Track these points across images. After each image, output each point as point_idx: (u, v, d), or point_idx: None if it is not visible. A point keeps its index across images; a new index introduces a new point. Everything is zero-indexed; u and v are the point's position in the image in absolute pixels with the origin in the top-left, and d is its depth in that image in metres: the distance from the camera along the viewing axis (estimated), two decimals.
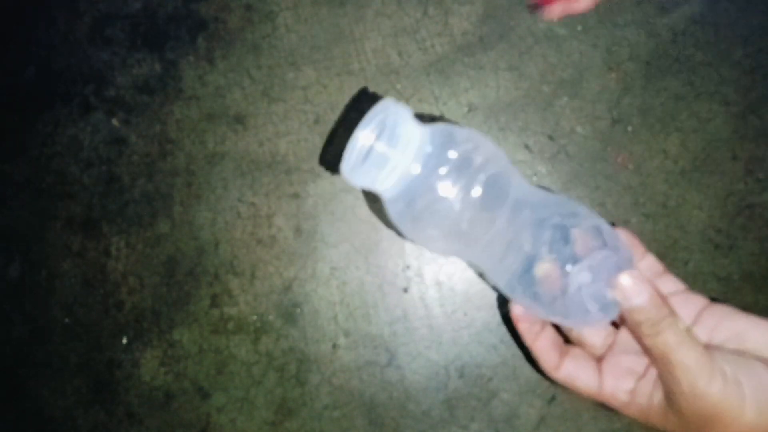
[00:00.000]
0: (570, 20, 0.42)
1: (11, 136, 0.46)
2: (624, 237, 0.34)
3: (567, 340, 0.33)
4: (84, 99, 0.45)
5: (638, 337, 0.28)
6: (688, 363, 0.27)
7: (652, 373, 0.30)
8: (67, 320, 0.45)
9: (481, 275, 0.42)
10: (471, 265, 0.41)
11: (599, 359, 0.32)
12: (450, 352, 0.42)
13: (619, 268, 0.28)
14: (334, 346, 0.43)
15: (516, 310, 0.32)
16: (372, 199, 0.43)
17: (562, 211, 0.30)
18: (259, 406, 0.43)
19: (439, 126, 0.29)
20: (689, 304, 0.31)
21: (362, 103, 0.42)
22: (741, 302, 0.41)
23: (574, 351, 0.32)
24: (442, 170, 0.28)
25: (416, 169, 0.28)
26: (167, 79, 0.45)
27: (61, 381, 0.45)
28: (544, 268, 0.28)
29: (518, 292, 0.30)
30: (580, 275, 0.28)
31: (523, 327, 0.32)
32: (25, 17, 0.46)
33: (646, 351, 0.28)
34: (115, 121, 0.45)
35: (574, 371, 0.31)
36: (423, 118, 0.39)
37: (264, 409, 0.43)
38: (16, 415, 0.45)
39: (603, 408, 0.32)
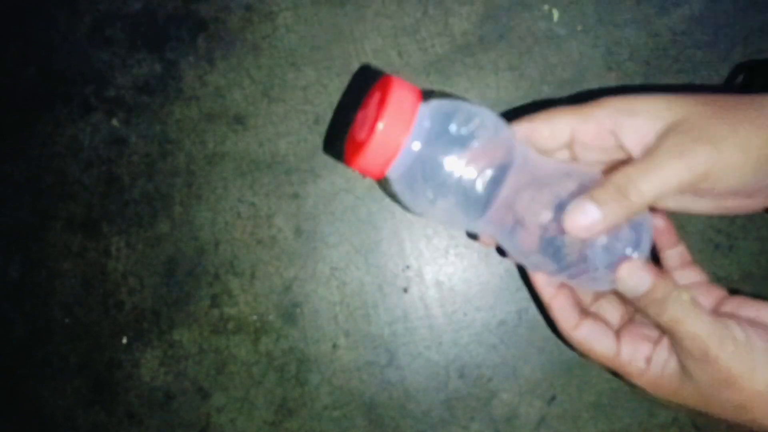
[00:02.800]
0: (570, 20, 0.42)
1: (11, 136, 0.46)
2: (660, 222, 0.34)
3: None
4: (84, 99, 0.45)
5: (647, 317, 0.28)
6: (696, 332, 0.27)
7: (667, 340, 0.29)
8: (67, 320, 0.45)
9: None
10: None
11: (616, 330, 0.32)
12: (450, 352, 0.42)
13: (635, 229, 0.28)
14: (334, 346, 0.43)
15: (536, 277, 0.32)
16: (372, 200, 0.43)
17: (576, 174, 0.30)
18: (259, 406, 0.43)
19: (437, 101, 0.29)
20: (709, 295, 0.31)
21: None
22: None
23: (593, 316, 0.32)
24: (443, 143, 0.28)
25: (417, 146, 0.28)
26: (167, 79, 0.45)
27: (61, 381, 0.45)
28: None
29: (532, 256, 0.30)
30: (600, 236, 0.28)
31: (540, 283, 0.32)
32: (25, 17, 0.46)
33: (657, 327, 0.28)
34: (115, 121, 0.45)
35: (591, 333, 0.31)
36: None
37: (264, 409, 0.43)
38: (16, 415, 0.45)
39: (615, 376, 0.31)
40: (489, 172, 0.28)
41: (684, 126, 0.27)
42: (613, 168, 0.29)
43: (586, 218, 0.27)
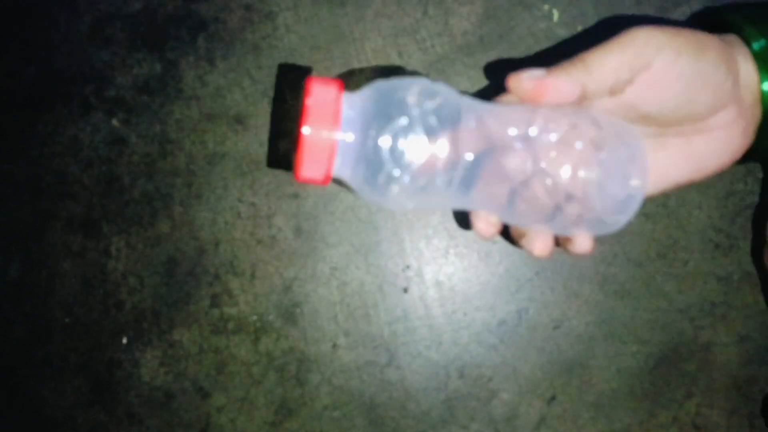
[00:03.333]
0: (570, 20, 0.42)
1: (11, 136, 0.46)
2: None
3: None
4: (84, 99, 0.45)
5: None
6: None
7: None
8: (67, 320, 0.45)
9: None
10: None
11: None
12: (450, 352, 0.42)
13: (630, 156, 0.28)
14: (334, 346, 0.43)
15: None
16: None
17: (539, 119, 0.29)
18: (259, 406, 0.43)
19: (365, 88, 0.28)
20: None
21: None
22: (741, 302, 0.41)
23: None
24: (374, 127, 0.27)
25: (350, 137, 0.27)
26: (167, 79, 0.45)
27: (61, 381, 0.45)
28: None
29: (535, 215, 0.29)
30: (594, 176, 0.27)
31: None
32: (25, 17, 0.46)
33: None
34: (115, 121, 0.45)
35: None
36: None
37: (264, 409, 0.43)
38: (16, 415, 0.45)
39: None
40: (448, 144, 0.27)
41: (626, 31, 0.29)
42: None
43: (535, 72, 0.28)
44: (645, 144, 0.29)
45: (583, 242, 0.30)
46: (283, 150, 0.44)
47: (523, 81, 0.29)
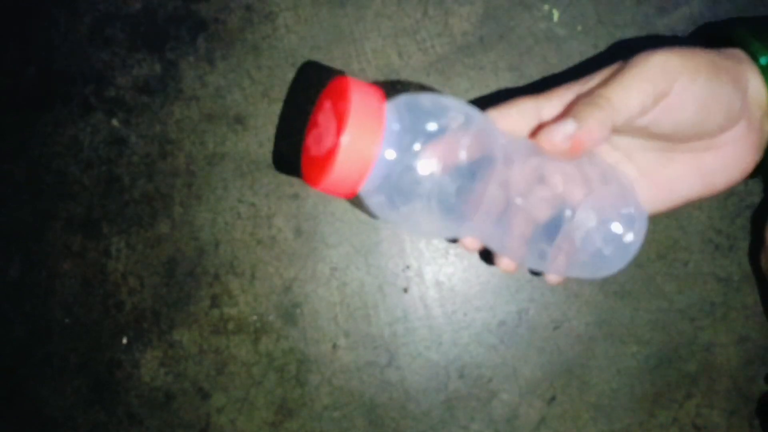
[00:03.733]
0: (570, 20, 0.42)
1: (11, 136, 0.46)
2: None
3: None
4: (84, 99, 0.45)
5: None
6: None
7: None
8: (67, 320, 0.45)
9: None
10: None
11: None
12: (450, 352, 0.42)
13: (621, 198, 0.27)
14: (334, 346, 0.43)
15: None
16: None
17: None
18: (259, 407, 0.43)
19: (401, 99, 0.26)
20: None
21: None
22: (741, 302, 0.41)
23: None
24: (417, 146, 0.24)
25: (391, 155, 0.24)
26: (167, 79, 0.45)
27: (61, 381, 0.45)
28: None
29: (527, 256, 0.29)
30: (584, 221, 0.27)
31: None
32: (25, 17, 0.46)
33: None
34: (115, 121, 0.45)
35: None
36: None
37: (264, 409, 0.43)
38: (16, 415, 0.45)
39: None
40: (473, 168, 0.25)
41: (640, 58, 0.28)
42: None
43: (567, 128, 0.27)
44: (645, 211, 0.29)
45: (553, 278, 0.31)
46: (287, 151, 0.44)
47: (557, 142, 0.27)
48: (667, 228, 0.41)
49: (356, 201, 0.43)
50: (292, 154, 0.44)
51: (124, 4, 0.45)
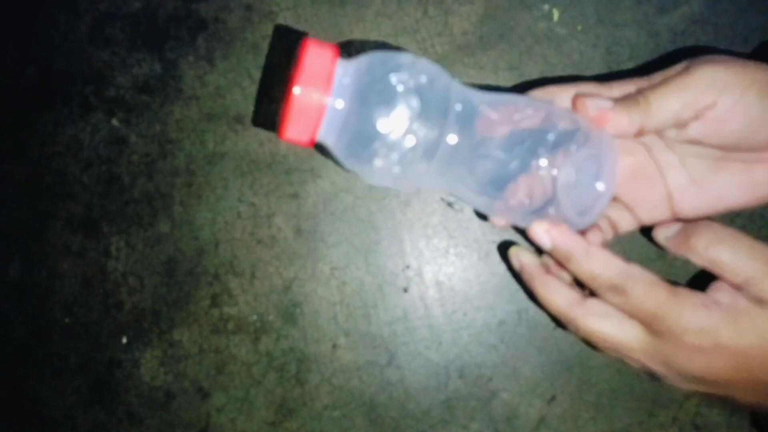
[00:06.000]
0: (570, 20, 0.42)
1: (11, 136, 0.46)
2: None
3: None
4: (84, 99, 0.45)
5: (688, 250, 0.29)
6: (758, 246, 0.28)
7: (720, 286, 0.29)
8: (67, 320, 0.45)
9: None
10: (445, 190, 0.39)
11: None
12: (450, 352, 0.42)
13: (603, 163, 0.28)
14: (334, 346, 0.43)
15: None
16: (372, 200, 0.43)
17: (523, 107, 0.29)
18: (259, 406, 0.43)
19: (361, 56, 0.29)
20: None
21: None
22: None
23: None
24: (369, 98, 0.27)
25: (340, 104, 0.27)
26: (167, 79, 0.45)
27: (61, 381, 0.45)
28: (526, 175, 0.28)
29: (497, 206, 0.29)
30: (566, 176, 0.27)
31: (539, 277, 0.31)
32: (25, 17, 0.46)
33: (710, 267, 0.29)
34: (115, 121, 0.45)
35: (647, 273, 0.29)
36: None
37: (264, 409, 0.43)
38: (16, 415, 0.45)
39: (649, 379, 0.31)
40: (429, 121, 0.27)
41: (693, 66, 0.29)
42: None
43: (602, 103, 0.29)
44: (619, 155, 0.30)
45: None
46: (286, 151, 0.44)
47: (588, 105, 0.29)
48: None
49: (356, 201, 0.43)
50: (291, 153, 0.44)
51: (124, 3, 0.45)
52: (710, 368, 0.29)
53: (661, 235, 0.32)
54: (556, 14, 0.42)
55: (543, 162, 0.27)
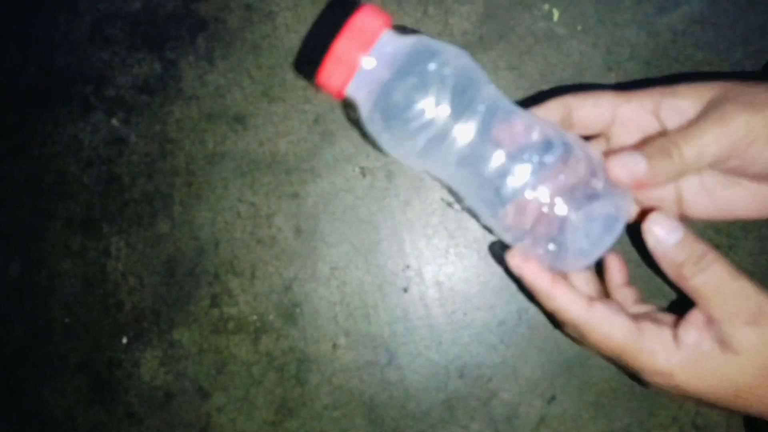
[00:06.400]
0: (570, 20, 0.42)
1: (11, 136, 0.46)
2: (613, 263, 0.35)
3: None
4: (84, 99, 0.45)
5: (678, 277, 0.28)
6: (748, 291, 0.27)
7: (697, 317, 0.28)
8: (67, 320, 0.45)
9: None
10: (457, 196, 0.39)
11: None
12: (450, 352, 0.42)
13: (618, 221, 0.28)
14: (334, 346, 0.43)
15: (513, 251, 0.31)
16: (372, 200, 0.43)
17: (550, 133, 0.29)
18: (259, 406, 0.43)
19: (417, 35, 0.30)
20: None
21: None
22: None
23: (600, 298, 0.31)
24: (404, 70, 0.28)
25: (372, 63, 0.29)
26: (167, 79, 0.45)
27: (61, 381, 0.45)
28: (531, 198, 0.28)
29: (497, 220, 0.30)
30: (578, 222, 0.28)
31: (533, 272, 0.30)
32: (25, 17, 0.46)
33: (692, 293, 0.28)
34: (115, 121, 0.45)
35: (609, 313, 0.29)
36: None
37: (264, 408, 0.43)
38: (15, 415, 0.45)
39: (622, 368, 0.31)
40: (458, 111, 0.28)
41: (723, 99, 0.28)
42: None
43: (635, 167, 0.28)
44: (630, 212, 0.30)
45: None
46: (286, 150, 0.44)
47: (620, 174, 0.29)
48: None
49: (356, 201, 0.43)
50: (291, 153, 0.44)
51: (124, 3, 0.45)
52: (678, 397, 0.30)
53: (654, 245, 0.30)
54: (556, 14, 0.42)
55: (559, 201, 0.28)
